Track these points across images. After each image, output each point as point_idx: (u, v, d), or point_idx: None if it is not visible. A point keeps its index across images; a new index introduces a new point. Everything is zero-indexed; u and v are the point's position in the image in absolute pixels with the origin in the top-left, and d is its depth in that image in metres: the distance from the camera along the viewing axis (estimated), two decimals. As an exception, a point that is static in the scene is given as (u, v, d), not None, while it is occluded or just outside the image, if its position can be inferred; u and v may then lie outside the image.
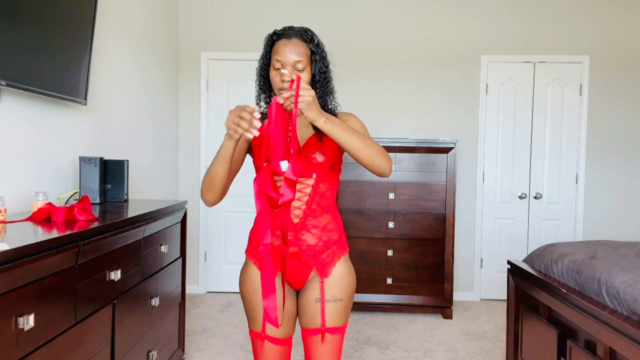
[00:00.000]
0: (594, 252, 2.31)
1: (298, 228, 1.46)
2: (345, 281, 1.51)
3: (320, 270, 1.48)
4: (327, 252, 1.49)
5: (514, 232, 4.40)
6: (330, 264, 1.49)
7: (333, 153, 1.48)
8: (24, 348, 1.33)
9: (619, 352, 1.74)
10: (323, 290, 1.48)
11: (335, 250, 1.50)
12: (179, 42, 4.39)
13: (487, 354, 3.17)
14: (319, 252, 1.48)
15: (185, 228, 2.76)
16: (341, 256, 1.52)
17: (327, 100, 1.52)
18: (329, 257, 1.49)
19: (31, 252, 1.36)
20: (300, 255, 1.47)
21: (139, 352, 2.15)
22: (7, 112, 2.09)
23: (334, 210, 1.54)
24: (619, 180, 4.33)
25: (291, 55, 1.44)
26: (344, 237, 1.56)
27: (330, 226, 1.50)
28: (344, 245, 1.55)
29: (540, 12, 4.31)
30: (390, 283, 3.89)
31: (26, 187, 2.22)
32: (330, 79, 1.53)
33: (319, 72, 1.49)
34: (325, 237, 1.49)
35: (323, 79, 1.50)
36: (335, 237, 1.51)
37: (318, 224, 1.47)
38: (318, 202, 1.48)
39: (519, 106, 4.34)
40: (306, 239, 1.46)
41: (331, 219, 1.50)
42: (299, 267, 1.48)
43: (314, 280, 1.50)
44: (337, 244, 1.51)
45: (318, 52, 1.48)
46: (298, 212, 1.47)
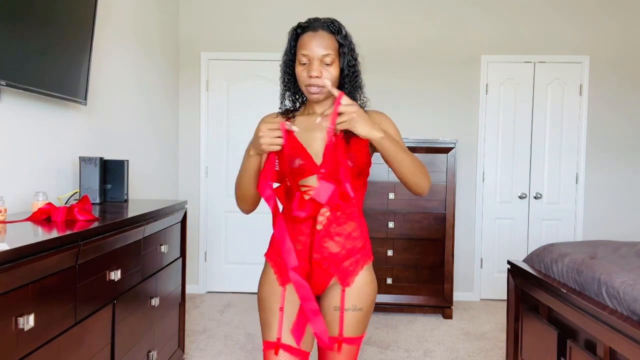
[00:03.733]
0: (594, 252, 2.31)
1: (321, 235, 1.40)
2: (367, 290, 1.45)
3: (342, 279, 1.42)
4: (350, 260, 1.43)
5: (514, 232, 4.40)
6: (352, 273, 1.43)
7: (361, 158, 1.40)
8: (24, 348, 1.33)
9: (619, 352, 1.74)
10: (343, 299, 1.42)
11: (358, 258, 1.44)
12: (179, 42, 4.39)
13: (487, 354, 3.17)
14: (342, 260, 1.42)
15: (185, 228, 2.76)
16: (364, 265, 1.45)
17: (356, 95, 1.44)
18: (352, 266, 1.43)
19: (31, 252, 1.36)
20: (322, 262, 1.42)
21: (139, 352, 2.15)
22: (7, 112, 2.09)
23: (360, 217, 1.47)
24: (619, 180, 4.33)
25: (318, 49, 1.36)
26: (368, 245, 1.49)
27: (355, 234, 1.44)
28: (368, 253, 1.48)
29: (540, 12, 4.31)
30: (390, 283, 3.89)
31: (26, 187, 2.22)
32: (359, 73, 1.45)
33: (348, 66, 1.41)
34: (350, 245, 1.42)
35: (352, 72, 1.42)
36: (359, 244, 1.44)
37: (342, 232, 1.41)
38: (343, 208, 1.41)
39: (519, 106, 4.34)
40: (329, 247, 1.41)
41: (356, 226, 1.44)
42: (320, 274, 1.44)
43: (334, 287, 1.44)
44: (361, 252, 1.45)
45: (346, 45, 1.40)
46: (322, 218, 1.41)
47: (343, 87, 1.42)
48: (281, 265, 1.44)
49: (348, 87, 1.41)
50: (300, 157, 1.39)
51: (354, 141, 1.39)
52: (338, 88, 1.43)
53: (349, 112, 1.19)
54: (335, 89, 1.29)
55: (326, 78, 1.37)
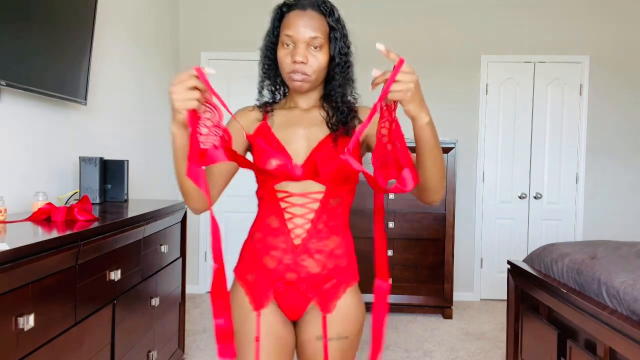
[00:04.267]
0: (594, 252, 2.31)
1: (299, 251, 1.20)
2: (352, 317, 1.26)
3: (322, 303, 1.23)
4: (332, 283, 1.24)
5: (514, 232, 4.40)
6: (334, 297, 1.24)
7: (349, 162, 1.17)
8: (24, 348, 1.33)
9: (619, 352, 1.74)
10: (325, 327, 1.23)
11: (341, 279, 1.25)
12: (179, 42, 4.38)
13: (487, 354, 3.17)
14: (322, 282, 1.23)
15: (185, 228, 2.76)
16: (348, 287, 1.26)
17: (346, 89, 1.24)
18: (333, 289, 1.24)
19: (31, 252, 1.36)
20: (298, 284, 1.22)
21: (139, 352, 2.15)
22: (7, 112, 2.09)
23: (345, 231, 1.27)
24: (619, 180, 4.33)
25: (305, 30, 1.15)
26: (354, 264, 1.29)
27: (338, 251, 1.24)
28: (353, 273, 1.28)
29: (540, 12, 4.30)
30: (390, 283, 3.88)
31: (26, 187, 2.22)
32: (351, 64, 1.24)
33: (339, 54, 1.20)
34: (331, 264, 1.23)
35: (344, 62, 1.22)
36: (343, 263, 1.25)
37: (324, 248, 1.21)
38: (326, 221, 1.21)
39: (519, 106, 4.34)
40: (307, 266, 1.21)
41: (340, 242, 1.24)
42: (296, 297, 1.24)
43: (313, 313, 1.25)
44: (344, 273, 1.25)
45: (339, 29, 1.20)
46: (300, 231, 1.21)
47: (332, 79, 1.23)
48: (255, 286, 1.24)
49: (338, 78, 1.22)
50: (277, 157, 1.17)
51: (342, 141, 1.20)
52: (326, 79, 1.25)
53: (407, 80, 0.94)
54: (393, 52, 1.00)
55: (312, 65, 1.17)
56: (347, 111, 1.22)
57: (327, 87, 1.26)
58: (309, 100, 1.27)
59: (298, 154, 1.20)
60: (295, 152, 1.20)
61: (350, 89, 1.25)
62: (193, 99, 0.96)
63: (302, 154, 1.20)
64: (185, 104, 0.96)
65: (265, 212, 1.25)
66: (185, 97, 0.95)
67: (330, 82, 1.25)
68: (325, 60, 1.19)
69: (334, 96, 1.23)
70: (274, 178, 1.20)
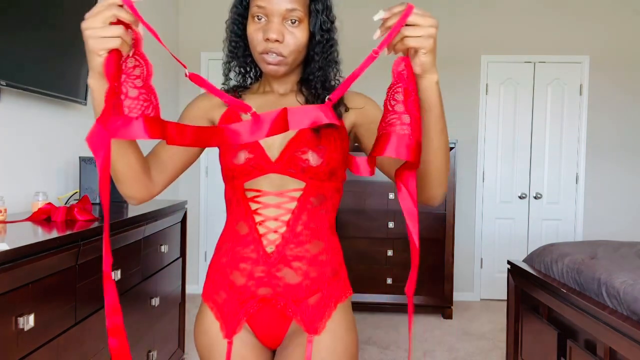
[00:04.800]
0: (594, 252, 2.31)
1: (273, 260, 0.99)
2: (345, 341, 1.04)
3: (307, 322, 1.01)
4: (317, 297, 1.02)
5: (514, 232, 4.40)
6: (321, 315, 1.02)
7: (334, 154, 1.00)
8: (24, 348, 1.33)
9: (619, 352, 1.74)
10: (310, 353, 1.00)
11: (329, 292, 1.03)
12: (179, 42, 4.38)
13: (487, 354, 3.17)
14: (304, 296, 1.01)
15: (185, 228, 2.76)
16: (338, 302, 1.04)
17: (329, 72, 1.04)
18: (319, 304, 1.02)
19: (31, 252, 1.36)
20: (275, 300, 1.01)
21: (139, 352, 2.15)
22: (7, 112, 2.09)
23: (331, 235, 1.06)
24: (619, 180, 4.33)
25: (281, 1, 0.95)
26: (343, 273, 1.08)
27: (322, 257, 1.02)
28: (344, 285, 1.07)
29: (540, 12, 4.30)
30: (390, 283, 3.89)
31: (26, 187, 2.22)
32: (335, 42, 1.04)
33: (321, 30, 1.00)
34: (314, 272, 1.01)
35: (326, 40, 1.01)
36: (329, 272, 1.03)
37: (304, 254, 1.00)
38: (306, 222, 1.01)
39: (519, 106, 4.34)
40: (284, 276, 0.99)
41: (324, 247, 1.03)
42: (273, 318, 1.02)
43: (296, 335, 1.03)
44: (332, 284, 1.04)
45: (320, 0, 1.00)
46: (274, 236, 1.00)
47: (312, 60, 1.02)
48: (226, 310, 1.03)
49: (318, 60, 1.01)
50: (247, 149, 1.00)
51: (325, 132, 0.99)
52: (305, 59, 1.04)
53: (427, 24, 0.73)
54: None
55: (289, 44, 0.97)
56: None
57: (306, 69, 1.05)
58: (286, 85, 1.07)
59: (272, 146, 1.00)
60: (269, 144, 1.00)
61: (334, 71, 1.04)
62: (115, 36, 0.71)
63: (278, 146, 1.00)
64: (103, 42, 0.72)
65: (233, 218, 1.04)
66: (104, 34, 0.71)
67: (309, 63, 1.04)
68: (305, 37, 0.99)
69: (312, 81, 1.03)
70: (243, 175, 1.00)
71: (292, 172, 1.00)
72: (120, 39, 0.72)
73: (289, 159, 0.99)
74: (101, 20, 0.71)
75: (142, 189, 0.96)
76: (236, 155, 1.00)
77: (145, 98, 0.75)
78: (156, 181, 1.00)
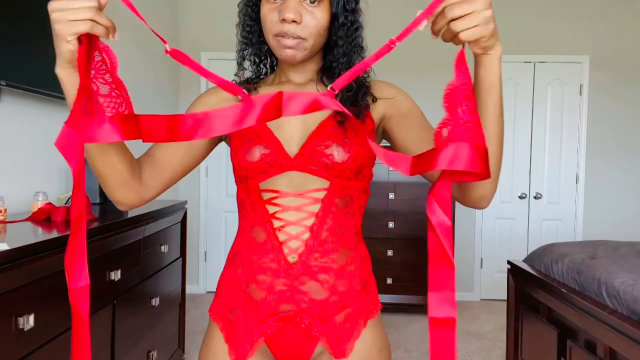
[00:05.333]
0: (594, 252, 2.31)
1: (295, 271, 0.88)
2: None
3: (334, 344, 0.90)
4: (345, 313, 0.90)
5: (514, 232, 4.40)
6: (350, 335, 0.90)
7: (361, 148, 0.89)
8: (24, 348, 1.33)
9: (619, 352, 1.74)
10: None
11: (359, 308, 0.92)
12: (179, 42, 4.38)
13: (487, 354, 3.17)
14: (331, 313, 0.90)
15: (185, 228, 2.76)
16: (368, 319, 0.93)
17: (353, 59, 0.91)
18: (348, 322, 0.90)
19: (31, 252, 1.36)
20: (298, 318, 0.89)
21: (139, 352, 2.15)
22: (7, 112, 2.09)
23: (358, 242, 0.94)
24: (618, 180, 4.33)
25: None
26: (373, 285, 0.97)
27: (351, 268, 0.91)
28: (374, 299, 0.95)
29: (540, 12, 4.31)
30: (390, 283, 3.89)
31: (26, 187, 2.22)
32: (360, 26, 0.91)
33: (344, 10, 0.88)
34: (343, 286, 0.90)
35: (350, 22, 0.89)
36: (358, 285, 0.92)
37: (331, 265, 0.89)
38: (331, 228, 0.89)
39: (519, 106, 4.34)
40: (309, 291, 0.88)
41: (353, 256, 0.92)
42: (297, 338, 0.90)
43: (322, 358, 0.92)
44: (361, 299, 0.92)
45: None
46: (296, 244, 0.89)
47: (335, 45, 0.91)
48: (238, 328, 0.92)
49: (342, 44, 0.89)
50: (262, 144, 0.89)
51: (350, 125, 0.89)
52: (327, 44, 0.92)
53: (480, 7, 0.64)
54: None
55: (309, 25, 0.85)
56: (356, 87, 0.90)
57: (327, 56, 0.94)
58: (305, 73, 0.95)
59: (292, 140, 0.90)
60: (289, 138, 0.90)
61: (359, 58, 0.92)
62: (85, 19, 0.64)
63: (297, 140, 0.90)
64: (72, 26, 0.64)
65: (248, 223, 0.92)
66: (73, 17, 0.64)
67: (331, 49, 0.92)
68: (326, 19, 0.87)
69: (336, 68, 0.91)
70: (259, 173, 0.89)
71: (314, 169, 0.88)
72: (92, 21, 0.64)
73: (311, 155, 0.87)
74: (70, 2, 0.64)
75: (129, 193, 0.85)
76: (250, 151, 0.89)
77: (117, 94, 0.68)
78: (149, 185, 0.89)
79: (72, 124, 0.61)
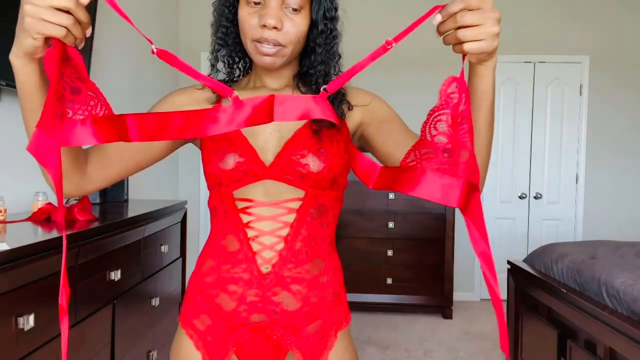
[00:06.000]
0: (594, 252, 2.31)
1: (269, 282, 0.87)
2: None
3: (307, 355, 0.89)
4: (316, 324, 0.90)
5: (514, 232, 4.40)
6: (323, 346, 0.91)
7: (336, 158, 0.89)
8: (24, 348, 1.33)
9: (619, 352, 1.74)
10: None
11: (330, 320, 0.92)
12: (179, 42, 4.39)
13: (487, 354, 3.17)
14: (303, 324, 0.89)
15: (185, 228, 2.76)
16: (339, 330, 0.93)
17: (330, 67, 0.91)
18: (319, 334, 0.90)
19: (31, 252, 1.36)
20: (270, 329, 0.89)
21: (139, 352, 2.15)
22: (7, 112, 2.09)
23: (332, 252, 0.94)
24: (619, 180, 4.33)
25: None
26: (344, 297, 0.97)
27: (323, 279, 0.91)
28: (344, 311, 0.95)
29: (540, 12, 4.30)
30: (390, 283, 3.89)
31: (26, 187, 2.22)
32: (338, 34, 0.92)
33: (324, 18, 0.88)
34: (315, 297, 0.89)
35: (329, 30, 0.90)
36: (331, 297, 0.92)
37: (304, 276, 0.88)
38: (306, 238, 0.89)
39: (519, 106, 4.34)
40: (282, 301, 0.87)
41: (326, 267, 0.92)
42: (268, 350, 0.90)
43: None
44: (332, 310, 0.93)
45: None
46: (270, 254, 0.88)
47: (313, 52, 0.90)
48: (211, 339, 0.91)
49: (320, 52, 0.89)
50: (237, 152, 0.87)
51: (326, 133, 0.88)
52: (304, 50, 0.91)
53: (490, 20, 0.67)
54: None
55: (289, 32, 0.84)
56: (332, 95, 0.88)
57: (304, 62, 0.93)
58: (281, 79, 0.93)
59: (267, 149, 0.88)
60: (264, 146, 0.88)
61: (336, 66, 0.92)
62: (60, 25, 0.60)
63: (273, 149, 0.88)
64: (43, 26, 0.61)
65: (220, 231, 0.92)
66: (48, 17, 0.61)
67: (308, 55, 0.91)
68: (306, 26, 0.86)
69: (313, 75, 0.90)
70: (233, 181, 0.88)
71: (290, 178, 0.87)
72: (67, 30, 0.61)
73: (286, 164, 0.87)
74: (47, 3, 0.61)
75: (67, 184, 0.80)
76: (224, 159, 0.87)
77: (91, 96, 0.65)
78: (92, 178, 0.85)
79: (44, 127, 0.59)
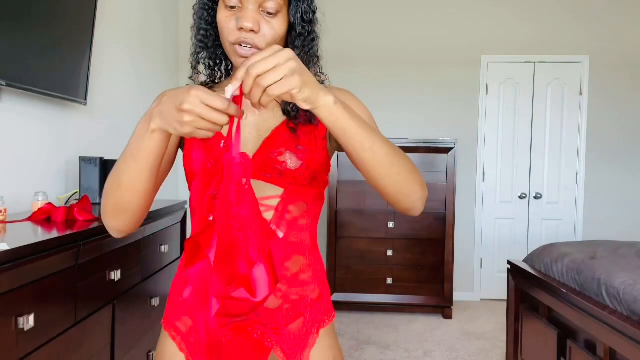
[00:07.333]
0: (594, 252, 2.31)
1: None
2: None
3: (289, 354, 0.89)
4: (299, 322, 0.90)
5: (514, 232, 4.40)
6: (304, 344, 0.90)
7: (314, 155, 0.90)
8: (24, 348, 1.33)
9: (619, 352, 1.74)
10: None
11: (312, 317, 0.91)
12: (179, 42, 4.39)
13: (487, 354, 3.17)
14: (284, 322, 0.89)
15: (185, 228, 2.76)
16: (321, 328, 0.92)
17: (310, 68, 0.91)
18: (301, 332, 0.90)
19: (31, 252, 1.36)
20: (250, 327, 0.88)
21: (139, 352, 2.15)
22: (7, 112, 2.09)
23: (313, 249, 0.94)
24: (618, 180, 4.33)
25: None
26: (326, 294, 0.96)
27: (304, 276, 0.91)
28: (327, 307, 0.94)
29: (540, 12, 4.31)
30: (390, 283, 3.89)
31: (26, 187, 2.22)
32: (317, 36, 0.93)
33: (302, 21, 0.90)
34: (295, 295, 0.90)
35: (307, 33, 0.91)
36: (313, 294, 0.92)
37: (284, 273, 0.89)
38: (285, 236, 0.90)
39: (519, 106, 4.35)
40: None
41: (307, 264, 0.92)
42: (249, 349, 0.88)
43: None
44: (314, 307, 0.92)
45: None
46: None
47: None
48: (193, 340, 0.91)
49: (299, 53, 0.90)
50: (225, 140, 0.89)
51: (303, 130, 0.90)
52: None
53: (282, 60, 0.66)
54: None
55: (266, 35, 0.85)
56: None
57: None
58: None
59: (245, 147, 0.90)
60: (242, 144, 0.89)
61: (315, 68, 0.93)
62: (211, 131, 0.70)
63: (251, 147, 0.90)
64: (201, 132, 0.70)
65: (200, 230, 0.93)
66: (209, 126, 0.69)
67: None
68: (284, 29, 0.88)
69: None
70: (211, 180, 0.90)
71: (268, 176, 0.88)
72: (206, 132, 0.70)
73: (265, 162, 0.87)
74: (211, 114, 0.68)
75: (135, 218, 0.85)
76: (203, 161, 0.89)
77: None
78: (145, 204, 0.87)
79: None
